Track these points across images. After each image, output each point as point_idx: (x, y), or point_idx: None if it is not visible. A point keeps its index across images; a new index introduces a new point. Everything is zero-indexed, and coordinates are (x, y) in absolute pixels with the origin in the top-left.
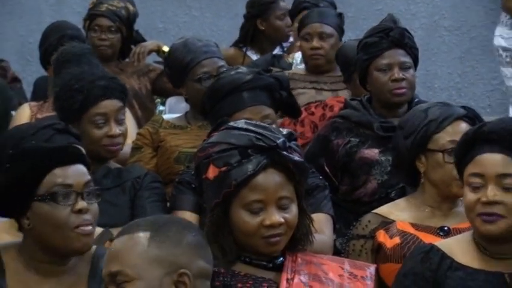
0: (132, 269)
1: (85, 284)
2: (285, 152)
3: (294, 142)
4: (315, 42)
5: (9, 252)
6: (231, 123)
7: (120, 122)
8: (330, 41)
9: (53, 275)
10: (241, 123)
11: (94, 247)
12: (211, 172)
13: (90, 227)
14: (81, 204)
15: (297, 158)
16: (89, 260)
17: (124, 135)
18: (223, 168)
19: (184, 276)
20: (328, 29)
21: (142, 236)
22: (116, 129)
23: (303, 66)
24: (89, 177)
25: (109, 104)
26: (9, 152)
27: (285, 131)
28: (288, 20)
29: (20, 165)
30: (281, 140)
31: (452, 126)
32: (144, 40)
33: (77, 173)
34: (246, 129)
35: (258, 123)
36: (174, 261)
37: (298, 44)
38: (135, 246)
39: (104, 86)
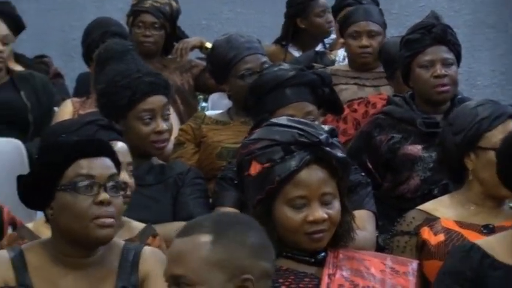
0: (196, 274)
1: (114, 278)
2: (328, 148)
3: (335, 138)
4: (364, 41)
5: (33, 251)
6: (273, 120)
7: (166, 118)
8: (377, 39)
9: (80, 268)
10: (283, 120)
11: (122, 242)
12: (254, 168)
13: (111, 220)
14: (103, 196)
15: (339, 154)
16: (118, 253)
17: (170, 131)
18: (267, 165)
19: (247, 281)
20: (376, 27)
21: (206, 239)
22: (162, 125)
23: (345, 63)
24: (114, 170)
25: (156, 100)
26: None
27: (326, 127)
28: (329, 16)
29: (46, 155)
30: (324, 136)
31: (504, 125)
32: (186, 36)
33: (102, 165)
34: (289, 126)
35: (299, 119)
36: (237, 265)
37: (340, 40)
38: (199, 250)
39: (150, 82)
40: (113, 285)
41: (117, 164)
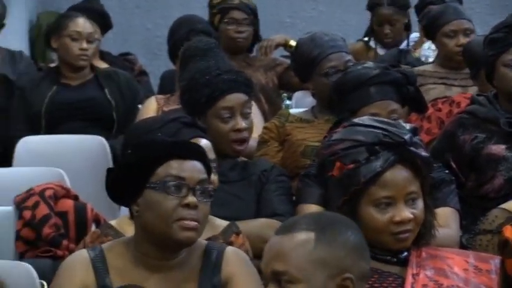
0: (298, 271)
1: (196, 279)
2: (412, 148)
3: (418, 137)
4: (462, 39)
5: (114, 251)
6: (355, 120)
7: (246, 116)
8: (471, 37)
9: (162, 270)
10: (366, 120)
11: (204, 242)
12: (338, 169)
13: (194, 223)
14: (191, 199)
15: (423, 153)
16: (200, 254)
17: (250, 129)
18: (351, 166)
19: (347, 280)
20: (469, 25)
21: (308, 236)
22: (242, 123)
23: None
24: (205, 175)
25: (235, 98)
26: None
27: (408, 126)
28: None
29: (139, 152)
30: (408, 135)
31: None
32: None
33: (193, 168)
34: (373, 126)
35: (382, 119)
36: (338, 264)
37: (424, 38)
38: (302, 247)
39: (230, 79)
40: (195, 286)
41: (209, 169)
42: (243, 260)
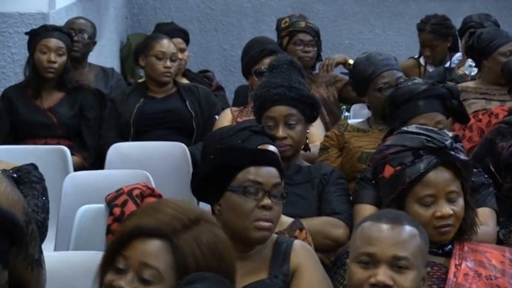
0: (415, 259)
1: (267, 268)
2: (452, 152)
3: (459, 144)
4: None
5: None
6: (404, 128)
7: (289, 126)
8: None
9: (238, 260)
10: (412, 128)
11: (275, 235)
12: (387, 171)
13: (269, 223)
14: (267, 201)
15: (462, 157)
16: (271, 246)
17: (292, 138)
18: (398, 168)
19: (426, 273)
20: None
21: (414, 230)
22: (280, 132)
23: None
24: (278, 180)
25: (278, 110)
26: (216, 147)
27: (450, 134)
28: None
29: (222, 158)
30: (449, 141)
31: None
32: None
33: (269, 174)
34: (418, 133)
35: (427, 127)
36: (425, 258)
37: (466, 57)
38: (414, 239)
39: (277, 93)
40: (266, 274)
41: (282, 173)
42: (309, 252)
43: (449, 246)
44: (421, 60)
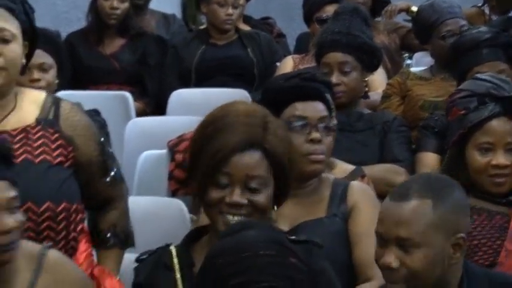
0: (421, 237)
1: (325, 205)
2: None
3: None
4: None
5: None
6: (477, 75)
7: (344, 73)
8: None
9: (296, 197)
10: (484, 75)
11: (332, 177)
12: (453, 114)
13: (321, 156)
14: (315, 135)
15: None
16: (329, 185)
17: (346, 85)
18: (463, 112)
19: (461, 239)
20: None
21: (426, 203)
22: (334, 79)
23: None
24: (325, 113)
25: (333, 56)
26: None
27: None
28: None
29: (268, 97)
30: None
31: None
32: None
33: (314, 108)
34: (487, 80)
35: (500, 76)
36: (453, 225)
37: None
38: (421, 214)
39: (333, 39)
40: (324, 212)
41: (329, 108)
42: (367, 191)
43: None
44: (485, 9)
